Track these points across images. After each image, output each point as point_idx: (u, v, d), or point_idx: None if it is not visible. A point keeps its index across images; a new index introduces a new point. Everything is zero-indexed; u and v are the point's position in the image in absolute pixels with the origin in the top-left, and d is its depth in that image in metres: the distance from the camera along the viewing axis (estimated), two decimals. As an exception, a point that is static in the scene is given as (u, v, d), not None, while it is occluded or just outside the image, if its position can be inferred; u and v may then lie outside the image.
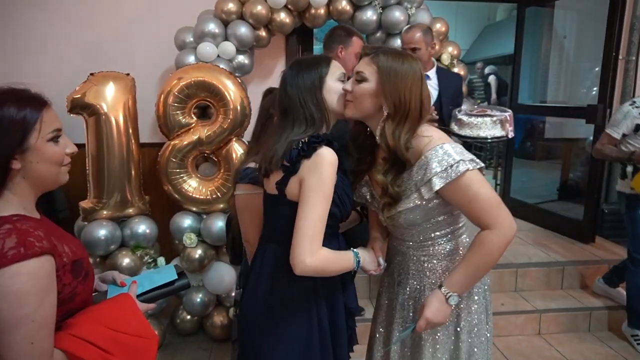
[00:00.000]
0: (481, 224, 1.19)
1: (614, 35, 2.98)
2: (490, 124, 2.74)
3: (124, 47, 3.03)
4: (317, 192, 1.14)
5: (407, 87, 1.20)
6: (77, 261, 0.99)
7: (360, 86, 1.23)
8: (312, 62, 1.28)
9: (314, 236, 1.12)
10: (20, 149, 0.93)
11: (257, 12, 2.75)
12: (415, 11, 2.97)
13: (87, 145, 2.37)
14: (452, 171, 1.15)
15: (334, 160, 1.16)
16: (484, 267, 1.21)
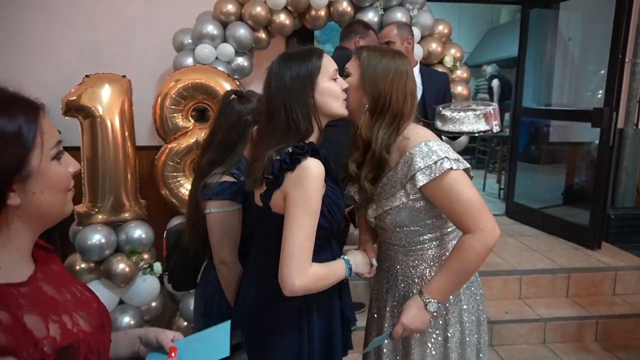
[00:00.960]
0: (463, 227, 1.16)
1: (620, 38, 2.92)
2: (473, 118, 2.67)
3: (122, 48, 3.00)
4: (302, 209, 1.07)
5: (388, 80, 1.19)
6: (68, 347, 0.68)
7: (347, 80, 1.23)
8: (301, 60, 1.15)
9: (301, 256, 1.06)
10: (20, 175, 0.65)
11: (256, 14, 2.71)
12: (417, 12, 2.93)
13: (82, 148, 2.32)
14: (436, 168, 1.13)
15: (320, 172, 1.08)
16: (463, 274, 1.18)
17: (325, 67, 1.15)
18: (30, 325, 0.63)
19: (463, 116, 2.74)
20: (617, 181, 3.64)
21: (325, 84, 1.15)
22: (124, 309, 2.40)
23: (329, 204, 1.13)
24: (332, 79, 1.16)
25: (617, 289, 2.87)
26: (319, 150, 1.13)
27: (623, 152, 3.59)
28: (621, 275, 2.87)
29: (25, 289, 0.67)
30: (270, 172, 1.09)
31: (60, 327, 0.68)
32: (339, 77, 1.19)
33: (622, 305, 2.74)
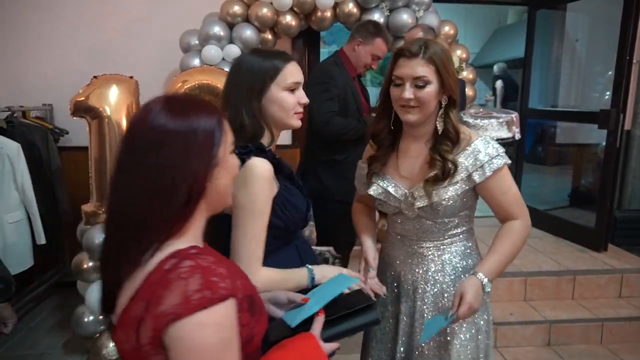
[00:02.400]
0: (508, 216, 1.27)
1: (628, 39, 2.90)
2: (496, 126, 2.70)
3: (129, 49, 3.03)
4: (247, 210, 1.05)
5: (453, 70, 1.25)
6: (250, 296, 0.80)
7: (425, 91, 1.21)
8: (261, 62, 1.12)
9: (249, 259, 1.06)
10: (213, 164, 0.77)
11: (262, 15, 2.73)
12: (423, 14, 2.93)
13: (90, 148, 2.35)
14: (497, 161, 1.23)
15: (266, 171, 1.07)
16: (512, 257, 1.26)
17: (284, 76, 1.12)
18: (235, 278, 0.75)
19: (487, 123, 2.75)
20: (624, 183, 3.61)
21: (276, 94, 1.12)
22: (131, 308, 2.42)
23: (282, 203, 1.11)
24: (288, 89, 1.13)
25: (623, 291, 2.85)
26: (266, 150, 1.11)
27: (630, 153, 3.56)
28: (627, 278, 2.85)
29: (215, 255, 0.79)
30: None
31: (240, 280, 0.78)
32: (299, 90, 1.16)
33: (628, 308, 2.72)
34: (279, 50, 1.19)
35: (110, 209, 0.76)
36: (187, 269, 0.69)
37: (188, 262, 0.70)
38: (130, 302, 0.71)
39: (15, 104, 2.81)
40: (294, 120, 1.17)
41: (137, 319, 0.69)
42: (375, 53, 2.38)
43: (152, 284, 0.70)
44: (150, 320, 0.68)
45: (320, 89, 2.30)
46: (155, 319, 0.67)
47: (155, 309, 0.67)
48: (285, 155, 3.37)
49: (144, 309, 0.69)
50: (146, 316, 0.68)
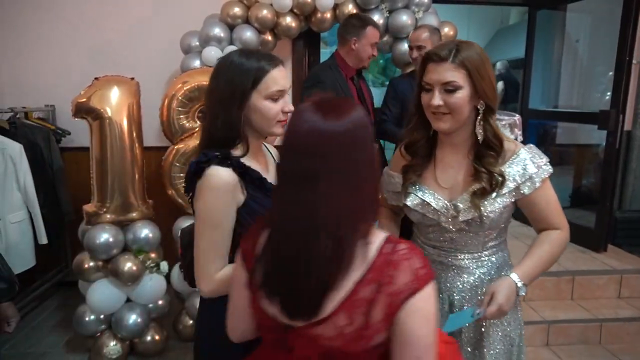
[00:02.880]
0: (550, 225, 1.24)
1: (628, 39, 2.90)
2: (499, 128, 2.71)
3: (130, 50, 3.05)
4: (202, 220, 1.06)
5: (491, 71, 1.17)
6: None
7: (456, 96, 1.14)
8: (244, 67, 1.07)
9: (205, 265, 1.07)
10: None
11: (262, 17, 2.74)
12: (423, 15, 2.93)
13: (91, 149, 2.37)
14: (544, 171, 1.20)
15: (223, 181, 1.04)
16: (549, 264, 1.24)
17: (266, 84, 1.08)
18: None
19: None
20: (625, 183, 3.61)
21: (257, 102, 1.08)
22: (131, 307, 2.44)
23: (247, 214, 1.08)
24: (271, 98, 1.09)
25: (623, 292, 2.85)
26: (231, 159, 1.07)
27: (631, 154, 3.56)
28: (627, 279, 2.85)
29: None
30: (186, 178, 1.09)
31: None
32: (283, 98, 1.12)
33: (627, 309, 2.72)
34: (265, 53, 1.14)
35: (315, 216, 0.76)
36: (405, 251, 0.79)
37: (402, 245, 0.80)
38: (357, 287, 0.77)
39: (18, 105, 2.84)
40: (277, 129, 1.13)
41: (368, 300, 0.76)
42: (372, 41, 2.43)
43: (379, 268, 0.77)
44: (383, 299, 0.76)
45: (308, 93, 2.35)
46: (390, 296, 0.76)
47: (389, 288, 0.76)
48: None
49: (375, 290, 0.76)
50: (378, 296, 0.76)
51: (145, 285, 2.44)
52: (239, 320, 0.95)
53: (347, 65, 2.46)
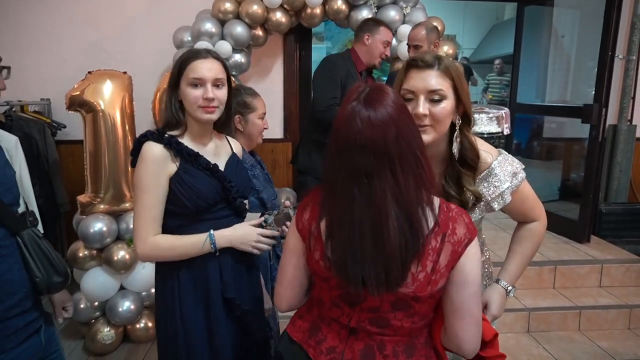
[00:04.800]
0: (528, 219, 1.27)
1: (610, 34, 2.96)
2: (486, 120, 2.77)
3: (124, 45, 3.11)
4: (136, 187, 1.25)
5: (467, 87, 1.13)
6: None
7: (441, 107, 1.06)
8: (180, 56, 1.30)
9: (139, 227, 1.24)
10: None
11: (253, 12, 2.80)
12: (410, 10, 2.99)
13: (85, 141, 2.44)
14: (514, 185, 1.19)
15: (153, 154, 1.22)
16: (532, 257, 1.30)
17: (187, 71, 1.26)
18: None
19: (476, 118, 2.82)
20: (611, 177, 3.68)
21: (183, 88, 1.27)
22: (125, 295, 2.52)
23: (178, 183, 1.24)
24: (191, 85, 1.26)
25: (604, 281, 2.93)
26: (164, 135, 1.25)
27: (616, 148, 3.63)
28: (607, 268, 2.93)
29: None
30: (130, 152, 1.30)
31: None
32: (204, 86, 1.25)
33: (607, 297, 2.81)
34: (204, 49, 1.31)
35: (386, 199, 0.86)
36: (456, 208, 0.96)
37: (453, 206, 0.97)
38: (427, 239, 0.90)
39: (14, 99, 2.90)
40: (199, 113, 1.27)
41: (437, 249, 0.91)
42: (384, 39, 2.55)
43: (443, 222, 0.92)
44: (448, 247, 0.91)
45: (323, 76, 2.50)
46: (453, 245, 0.92)
47: (452, 238, 0.92)
48: (277, 149, 3.48)
49: (440, 241, 0.91)
50: (443, 245, 0.91)
51: (138, 274, 2.51)
52: (287, 289, 1.07)
53: (360, 60, 2.59)
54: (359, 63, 2.58)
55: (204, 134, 1.34)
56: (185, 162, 1.27)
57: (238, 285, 1.34)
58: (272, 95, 3.31)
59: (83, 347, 2.55)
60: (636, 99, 3.59)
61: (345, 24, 3.07)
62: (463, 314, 0.93)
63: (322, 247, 0.95)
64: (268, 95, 2.46)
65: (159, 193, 1.24)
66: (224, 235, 1.29)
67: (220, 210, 1.33)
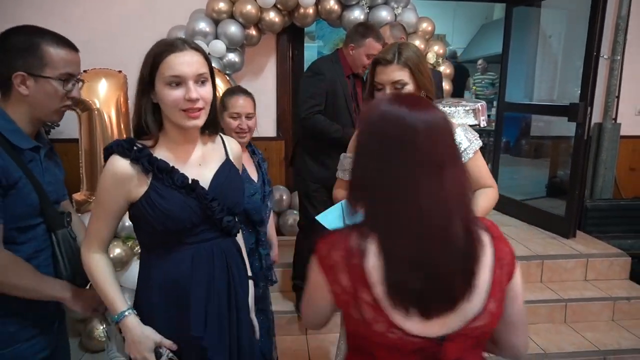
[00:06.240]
0: (483, 186, 1.50)
1: (595, 35, 3.05)
2: (462, 113, 2.86)
3: (118, 45, 3.12)
4: (95, 198, 1.16)
5: (427, 70, 1.41)
6: None
7: (404, 92, 1.36)
8: (150, 52, 1.08)
9: (87, 234, 1.16)
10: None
11: (247, 12, 2.83)
12: (402, 11, 3.05)
13: (80, 140, 2.46)
14: (474, 145, 1.47)
15: (115, 171, 1.07)
16: (485, 213, 1.46)
17: (162, 68, 1.05)
18: None
19: (453, 111, 2.90)
20: (596, 174, 3.77)
21: (158, 89, 1.07)
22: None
23: (147, 203, 1.08)
24: (168, 84, 1.06)
25: (589, 274, 3.02)
26: (134, 149, 1.08)
27: (602, 145, 3.72)
28: (592, 262, 3.02)
29: None
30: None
31: None
32: (186, 85, 1.06)
33: (591, 290, 2.89)
34: (178, 38, 1.12)
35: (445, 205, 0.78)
36: (491, 224, 0.90)
37: (486, 220, 0.91)
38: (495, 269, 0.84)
39: (8, 97, 2.90)
40: (182, 120, 1.08)
41: (500, 277, 0.84)
42: (369, 53, 2.47)
43: (497, 246, 0.86)
44: (506, 269, 0.85)
45: (308, 82, 2.50)
46: (508, 266, 0.86)
47: (505, 260, 0.86)
48: (270, 147, 3.53)
49: (500, 266, 0.85)
50: (502, 270, 0.85)
51: (134, 271, 2.51)
52: (316, 317, 0.95)
53: (347, 63, 2.58)
54: (346, 66, 2.57)
55: (185, 140, 1.15)
56: (156, 180, 1.08)
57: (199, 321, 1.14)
58: (265, 94, 3.34)
59: (79, 345, 2.57)
60: (620, 98, 3.68)
61: (337, 23, 3.11)
62: (518, 325, 0.90)
63: (385, 315, 0.79)
64: (261, 94, 2.50)
65: (113, 213, 1.11)
66: (128, 327, 1.11)
67: (203, 232, 1.15)
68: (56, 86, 1.15)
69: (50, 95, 1.15)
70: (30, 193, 1.14)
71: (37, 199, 1.16)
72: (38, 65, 1.13)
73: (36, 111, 1.17)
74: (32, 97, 1.14)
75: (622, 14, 3.54)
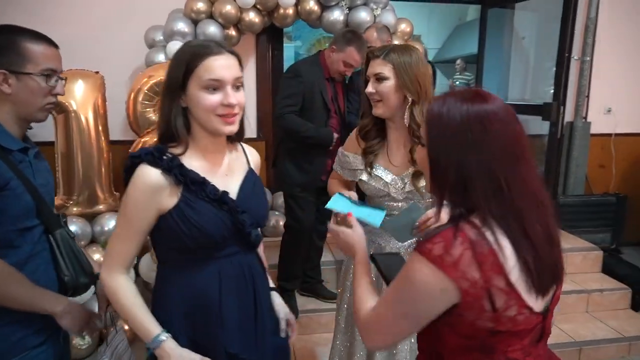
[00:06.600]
0: None
1: (567, 36, 3.15)
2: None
3: (95, 45, 3.05)
4: (120, 211, 1.05)
5: (421, 72, 1.38)
6: None
7: (383, 85, 1.38)
8: (180, 55, 1.02)
9: (109, 254, 1.07)
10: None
11: (226, 12, 2.81)
12: (381, 12, 3.08)
13: (57, 142, 2.39)
14: None
15: (145, 182, 0.99)
16: None
17: (199, 72, 0.99)
18: None
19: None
20: (568, 171, 3.90)
21: (193, 92, 1.00)
22: (101, 297, 2.49)
23: (177, 216, 1.01)
24: (205, 88, 0.99)
25: (564, 268, 3.12)
26: (165, 158, 1.01)
27: (573, 143, 3.84)
28: (566, 256, 3.01)
29: None
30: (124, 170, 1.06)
31: None
32: (224, 89, 1.00)
33: (566, 283, 2.98)
34: (213, 41, 1.08)
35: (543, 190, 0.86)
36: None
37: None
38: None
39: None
40: (218, 125, 1.02)
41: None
42: (347, 61, 2.47)
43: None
44: None
45: (286, 83, 2.51)
46: None
47: None
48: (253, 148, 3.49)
49: None
50: None
51: (115, 276, 2.49)
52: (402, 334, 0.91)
53: (327, 66, 2.58)
54: (326, 69, 2.58)
55: (216, 148, 1.09)
56: (188, 192, 1.02)
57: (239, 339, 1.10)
58: (246, 95, 3.31)
59: (57, 353, 2.50)
60: (590, 97, 3.81)
61: (317, 24, 3.12)
62: None
63: (518, 298, 0.81)
64: (242, 95, 2.48)
65: (141, 229, 1.03)
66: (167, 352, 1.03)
67: (230, 247, 1.09)
68: (39, 82, 1.13)
69: (34, 91, 1.13)
70: (24, 194, 1.11)
71: (31, 201, 1.13)
72: (19, 62, 1.10)
73: (21, 110, 1.14)
74: (15, 96, 1.11)
75: (591, 15, 3.66)
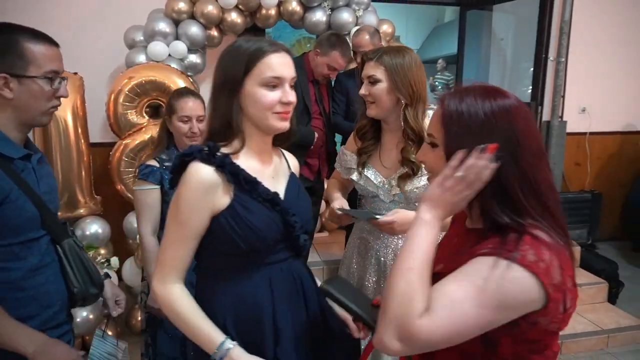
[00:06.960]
0: None
1: (544, 38, 3.23)
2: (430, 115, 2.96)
3: (74, 45, 2.95)
4: (170, 215, 0.99)
5: (414, 75, 1.38)
6: None
7: (376, 87, 1.39)
8: (238, 51, 0.99)
9: (161, 263, 1.00)
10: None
11: (208, 12, 2.78)
12: (363, 13, 3.09)
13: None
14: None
15: (200, 180, 0.95)
16: None
17: (260, 69, 0.97)
18: None
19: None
20: (547, 169, 3.99)
21: (251, 89, 0.98)
22: (82, 304, 2.43)
23: (231, 217, 0.98)
24: (265, 85, 0.98)
25: (544, 264, 3.19)
26: (218, 155, 0.97)
27: (550, 142, 3.94)
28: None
29: None
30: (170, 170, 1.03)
31: None
32: (282, 87, 1.00)
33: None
34: (269, 39, 1.05)
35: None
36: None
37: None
38: None
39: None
40: (274, 121, 1.00)
41: None
42: (331, 64, 2.48)
43: None
44: None
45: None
46: None
47: None
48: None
49: None
50: None
51: (97, 281, 2.43)
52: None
53: (311, 68, 2.57)
54: (310, 71, 2.57)
55: (265, 148, 1.06)
56: (240, 191, 0.98)
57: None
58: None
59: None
60: (566, 97, 3.92)
61: (299, 25, 3.12)
62: None
63: (576, 293, 0.84)
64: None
65: (195, 231, 0.98)
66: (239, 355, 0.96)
67: (279, 252, 1.05)
68: (42, 85, 1.06)
69: (37, 96, 1.06)
70: (26, 205, 1.06)
71: (35, 211, 1.07)
72: (20, 65, 1.04)
73: (23, 115, 1.07)
74: (17, 100, 1.05)
75: (566, 18, 3.76)
